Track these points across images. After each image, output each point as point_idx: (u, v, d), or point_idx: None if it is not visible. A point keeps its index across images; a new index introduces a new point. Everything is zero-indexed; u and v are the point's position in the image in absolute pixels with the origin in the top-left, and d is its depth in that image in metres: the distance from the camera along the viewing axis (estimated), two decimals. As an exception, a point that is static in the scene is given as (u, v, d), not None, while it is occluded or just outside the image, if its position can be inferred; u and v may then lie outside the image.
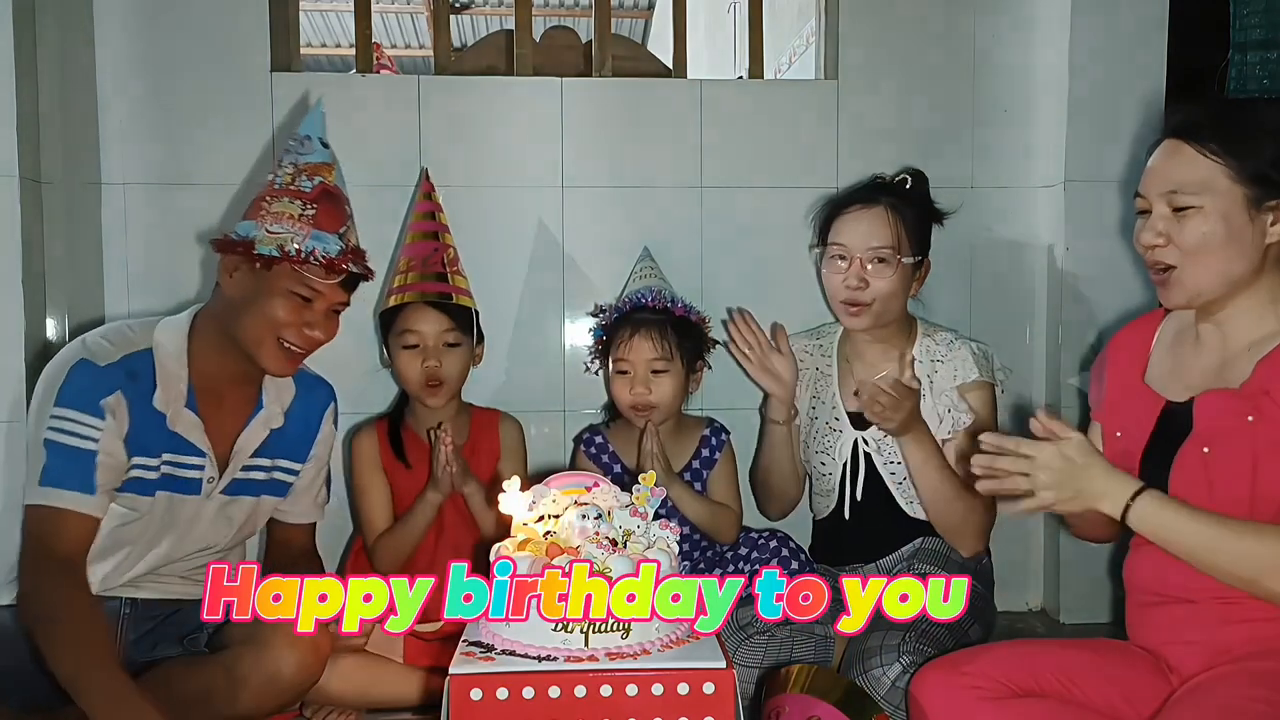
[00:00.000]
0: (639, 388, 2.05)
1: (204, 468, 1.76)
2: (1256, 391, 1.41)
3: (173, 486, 1.73)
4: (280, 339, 1.72)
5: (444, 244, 2.09)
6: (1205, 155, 1.44)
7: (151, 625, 1.77)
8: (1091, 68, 2.32)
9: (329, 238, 1.72)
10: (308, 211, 1.71)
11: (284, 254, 1.68)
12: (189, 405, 1.73)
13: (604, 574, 1.35)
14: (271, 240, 1.68)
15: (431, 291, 2.03)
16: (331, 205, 1.75)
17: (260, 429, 1.82)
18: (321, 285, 1.72)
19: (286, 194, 1.72)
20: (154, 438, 1.70)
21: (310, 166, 1.76)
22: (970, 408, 2.01)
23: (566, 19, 6.90)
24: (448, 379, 2.04)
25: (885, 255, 1.99)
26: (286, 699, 1.67)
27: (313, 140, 1.80)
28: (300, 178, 1.74)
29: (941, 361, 2.04)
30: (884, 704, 1.63)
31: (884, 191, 2.06)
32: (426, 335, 2.02)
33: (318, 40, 8.06)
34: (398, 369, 2.07)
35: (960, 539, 2.02)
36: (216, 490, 1.78)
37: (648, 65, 2.74)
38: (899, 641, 1.71)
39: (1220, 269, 1.45)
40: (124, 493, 1.68)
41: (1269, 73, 2.36)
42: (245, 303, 1.72)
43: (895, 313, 2.05)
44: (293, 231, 1.69)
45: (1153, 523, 1.40)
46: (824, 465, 2.13)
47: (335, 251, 1.72)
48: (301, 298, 1.71)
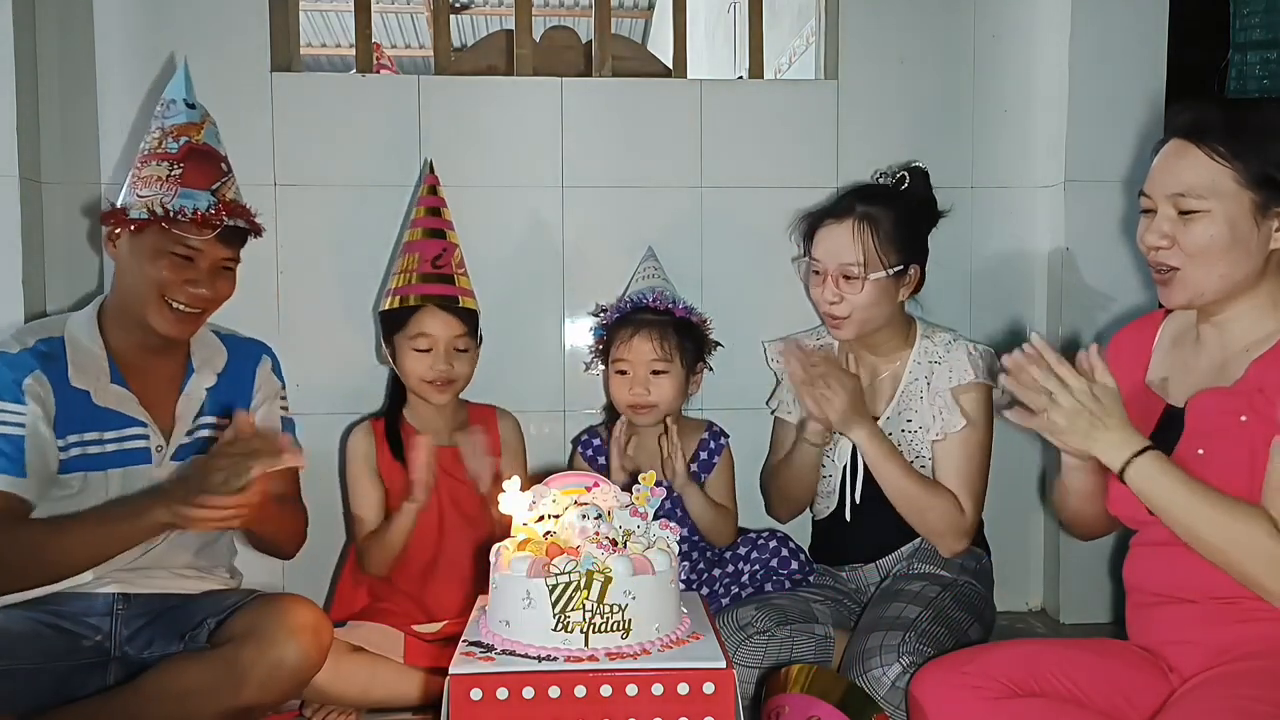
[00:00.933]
0: (638, 388, 2.06)
1: (149, 437, 1.78)
2: (1250, 390, 1.41)
3: (123, 461, 1.76)
4: (165, 299, 1.74)
5: (452, 243, 2.08)
6: (1213, 158, 1.43)
7: (145, 621, 1.77)
8: (1091, 68, 2.31)
9: (198, 194, 1.74)
10: (174, 172, 1.74)
11: (153, 215, 1.71)
12: (116, 381, 1.77)
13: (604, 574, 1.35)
14: (141, 203, 1.72)
15: (440, 294, 2.02)
16: (200, 162, 1.77)
17: (197, 392, 1.85)
18: (197, 242, 1.74)
19: (154, 158, 1.76)
20: (87, 415, 1.73)
21: (176, 128, 1.78)
22: (963, 410, 1.99)
23: (566, 19, 6.89)
24: (457, 380, 2.06)
25: (851, 272, 1.97)
26: (289, 689, 1.67)
27: (177, 103, 1.81)
28: (167, 140, 1.77)
29: (939, 363, 2.04)
30: (884, 704, 1.63)
31: (863, 200, 2.00)
32: (439, 339, 2.02)
33: (318, 40, 8.06)
34: (404, 368, 2.06)
35: (936, 538, 2.01)
36: (167, 458, 1.79)
37: (648, 65, 2.75)
38: (899, 642, 1.71)
39: (1224, 272, 1.44)
40: (73, 473, 1.72)
41: (1269, 73, 2.36)
42: (128, 268, 1.75)
43: (881, 321, 2.03)
44: (160, 192, 1.72)
45: (1148, 482, 1.40)
46: (824, 467, 2.13)
47: (205, 206, 1.74)
48: (181, 256, 1.74)
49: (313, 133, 2.28)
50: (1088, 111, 2.32)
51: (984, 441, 2.02)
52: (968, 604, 1.92)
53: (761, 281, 2.37)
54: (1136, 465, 1.40)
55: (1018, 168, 2.44)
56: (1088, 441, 1.43)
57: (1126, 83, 2.32)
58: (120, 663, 1.74)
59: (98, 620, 1.74)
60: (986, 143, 2.43)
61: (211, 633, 1.71)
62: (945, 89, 2.42)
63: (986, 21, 2.42)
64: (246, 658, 1.61)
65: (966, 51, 2.42)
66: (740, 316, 2.35)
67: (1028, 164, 2.43)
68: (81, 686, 1.68)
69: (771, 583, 1.99)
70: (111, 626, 1.75)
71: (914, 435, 2.04)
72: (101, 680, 1.72)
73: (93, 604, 1.74)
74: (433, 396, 2.05)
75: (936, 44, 2.41)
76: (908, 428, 2.04)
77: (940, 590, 1.90)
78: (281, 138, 2.27)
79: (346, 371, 2.30)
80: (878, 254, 1.97)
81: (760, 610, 1.87)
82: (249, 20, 2.26)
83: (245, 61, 2.26)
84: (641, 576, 1.37)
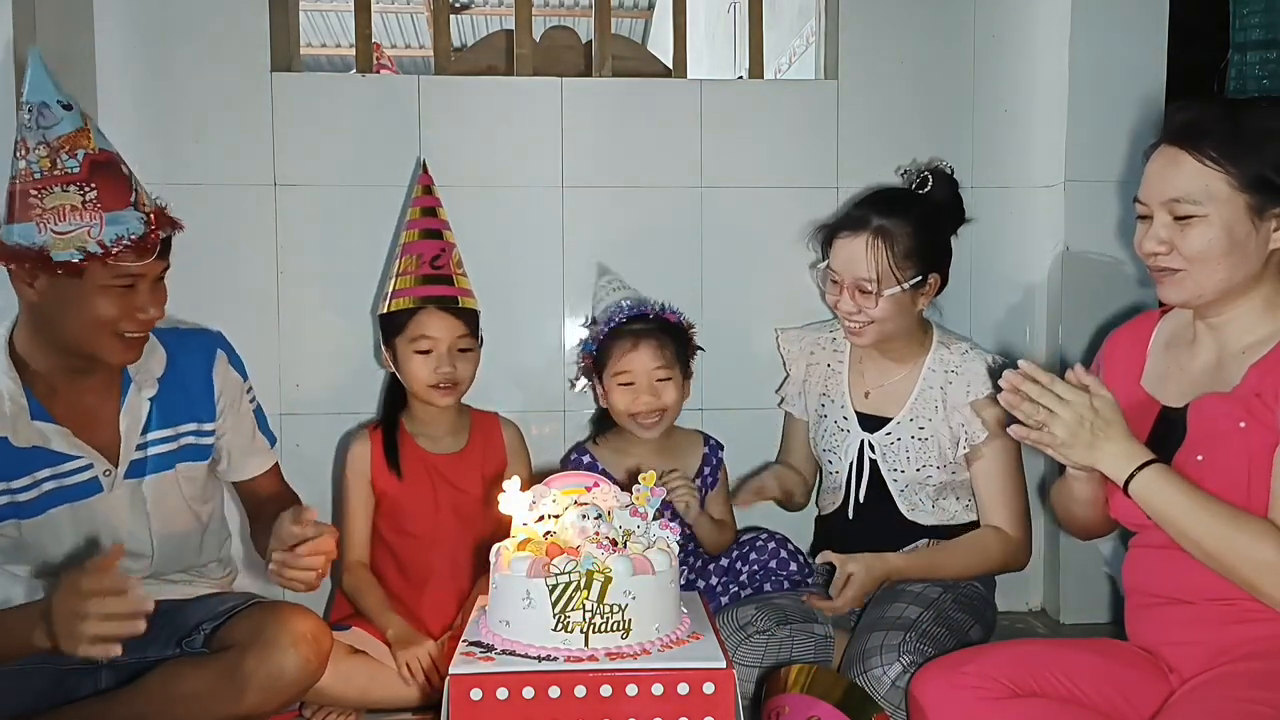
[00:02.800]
0: (646, 396, 2.02)
1: (91, 466, 1.67)
2: (1248, 395, 1.41)
3: (67, 497, 1.65)
4: (116, 333, 1.60)
5: (449, 243, 2.06)
6: (1205, 163, 1.42)
7: None
8: (1091, 68, 2.31)
9: (125, 215, 1.55)
10: (89, 196, 1.53)
11: (88, 254, 1.52)
12: (39, 417, 1.63)
13: (604, 574, 1.35)
14: (65, 243, 1.51)
15: (440, 295, 2.00)
16: (109, 176, 1.56)
17: (138, 403, 1.71)
18: (139, 268, 1.57)
19: (54, 181, 1.52)
20: (7, 462, 1.60)
21: (66, 139, 1.54)
22: (985, 422, 1.99)
23: (566, 19, 6.89)
24: (461, 382, 2.03)
25: (866, 287, 1.96)
26: (289, 697, 1.66)
27: (51, 107, 1.55)
28: (60, 157, 1.53)
29: (956, 373, 2.03)
30: (884, 704, 1.63)
31: (880, 211, 1.97)
32: (440, 341, 1.99)
33: (318, 40, 8.06)
34: (406, 372, 2.03)
35: (998, 572, 2.05)
36: (119, 479, 1.69)
37: (648, 65, 2.74)
38: (900, 641, 1.71)
39: (1223, 275, 1.44)
40: (2, 522, 1.62)
41: (1269, 73, 2.36)
42: (61, 310, 1.57)
43: (900, 329, 2.03)
44: (83, 224, 1.51)
45: (1152, 494, 1.39)
46: (831, 463, 2.14)
47: (141, 229, 1.56)
48: (122, 286, 1.58)
49: (312, 133, 2.28)
50: (1088, 111, 2.31)
51: (1016, 452, 2.02)
52: (969, 605, 1.91)
53: (762, 281, 2.37)
54: (1141, 478, 1.40)
55: (1018, 168, 2.43)
56: (1091, 455, 1.43)
57: (1126, 83, 2.31)
58: (111, 669, 1.71)
59: None
60: (986, 143, 2.43)
61: (208, 637, 1.69)
62: (945, 89, 2.41)
63: (986, 21, 2.42)
64: (247, 665, 1.59)
65: (966, 51, 2.42)
66: (740, 316, 2.36)
67: (1028, 164, 2.43)
68: (75, 689, 1.67)
69: (771, 583, 1.99)
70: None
71: (924, 443, 2.04)
72: (93, 684, 1.70)
73: None
74: (437, 400, 2.02)
75: (936, 44, 2.41)
76: (919, 435, 2.04)
77: (942, 591, 1.90)
78: (281, 138, 2.27)
79: (346, 371, 2.30)
80: (893, 270, 1.95)
81: (760, 610, 1.86)
82: (249, 20, 2.26)
83: (245, 61, 2.26)
84: (641, 576, 1.37)
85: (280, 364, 2.26)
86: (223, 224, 2.23)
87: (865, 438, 2.08)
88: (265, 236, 2.27)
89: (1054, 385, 1.43)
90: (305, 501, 1.98)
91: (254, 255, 2.27)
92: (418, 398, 2.05)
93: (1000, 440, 1.98)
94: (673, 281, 2.30)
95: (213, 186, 2.25)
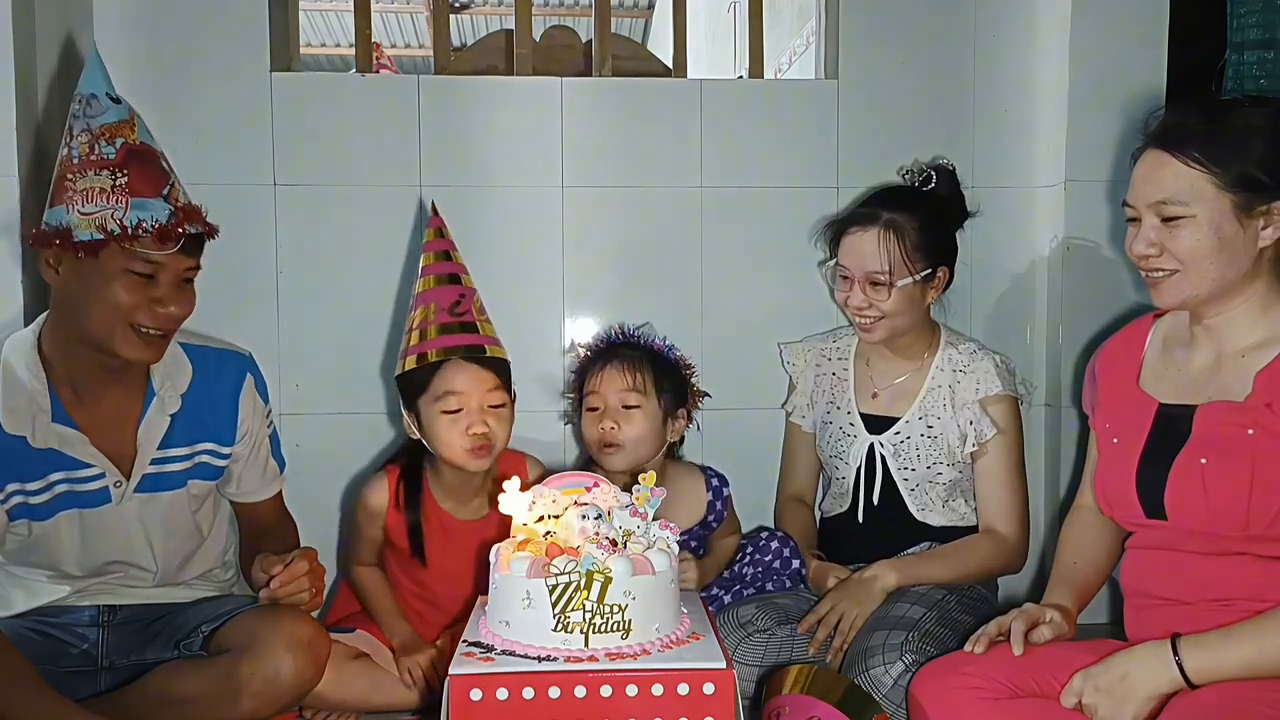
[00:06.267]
0: (607, 421, 1.91)
1: (103, 475, 1.65)
2: (1258, 404, 1.41)
3: (75, 503, 1.64)
4: (132, 324, 1.58)
5: (469, 288, 1.87)
6: (1189, 164, 1.43)
7: (135, 631, 1.75)
8: (1091, 68, 2.31)
9: (153, 203, 1.56)
10: (119, 180, 1.54)
11: (107, 234, 1.52)
12: (60, 419, 1.62)
13: (604, 574, 1.35)
14: (88, 223, 1.52)
15: (465, 345, 1.80)
16: (144, 166, 1.58)
17: (159, 418, 1.70)
18: (160, 256, 1.56)
19: (89, 166, 1.55)
20: (24, 461, 1.60)
21: (107, 128, 1.57)
22: (993, 420, 2.00)
23: (566, 19, 6.89)
24: (497, 443, 1.82)
25: (878, 279, 1.97)
26: (285, 702, 1.66)
27: (100, 98, 1.59)
28: (99, 144, 1.56)
29: (964, 373, 2.04)
30: (886, 703, 1.63)
31: (889, 206, 2.00)
32: (469, 396, 1.79)
33: (318, 40, 8.06)
34: (433, 436, 1.82)
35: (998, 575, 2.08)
36: (130, 492, 1.68)
37: (648, 65, 2.75)
38: (902, 640, 1.71)
39: (1215, 275, 1.45)
40: (18, 520, 1.62)
41: (1266, 72, 2.35)
42: (81, 296, 1.57)
43: (910, 325, 2.04)
44: (109, 207, 1.52)
45: (1206, 660, 1.35)
46: (839, 469, 2.13)
47: (165, 217, 1.56)
48: (142, 275, 1.56)
49: (313, 133, 2.28)
50: (1088, 111, 2.31)
51: (1019, 452, 2.04)
52: (972, 607, 1.91)
53: (762, 281, 2.37)
54: (1186, 660, 1.35)
55: (1018, 168, 2.43)
56: (1141, 693, 1.36)
57: (1126, 83, 2.31)
58: (109, 671, 1.72)
59: (84, 630, 1.73)
60: (986, 143, 2.43)
61: (206, 639, 1.69)
62: (945, 89, 2.41)
63: (986, 21, 2.42)
64: (243, 670, 1.60)
65: (967, 51, 2.42)
66: (740, 317, 2.35)
67: (1028, 164, 2.43)
68: (73, 692, 1.66)
69: (771, 582, 1.99)
70: (99, 636, 1.73)
71: (933, 441, 2.04)
72: (91, 687, 1.70)
73: (78, 616, 1.73)
74: (472, 465, 1.81)
75: (937, 44, 2.41)
76: (928, 433, 2.05)
77: (946, 593, 1.90)
78: (281, 138, 2.27)
79: (346, 371, 2.30)
80: (905, 261, 1.97)
81: (760, 609, 1.87)
82: (249, 20, 2.25)
83: (245, 61, 2.26)
84: (641, 577, 1.37)
85: (280, 364, 2.26)
86: (223, 224, 2.18)
87: (873, 440, 2.09)
88: (265, 236, 2.27)
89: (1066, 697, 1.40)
90: (305, 501, 2.00)
91: (254, 255, 2.27)
92: (449, 464, 1.84)
93: (1005, 438, 2.00)
94: (672, 281, 2.30)
95: (212, 186, 2.23)
